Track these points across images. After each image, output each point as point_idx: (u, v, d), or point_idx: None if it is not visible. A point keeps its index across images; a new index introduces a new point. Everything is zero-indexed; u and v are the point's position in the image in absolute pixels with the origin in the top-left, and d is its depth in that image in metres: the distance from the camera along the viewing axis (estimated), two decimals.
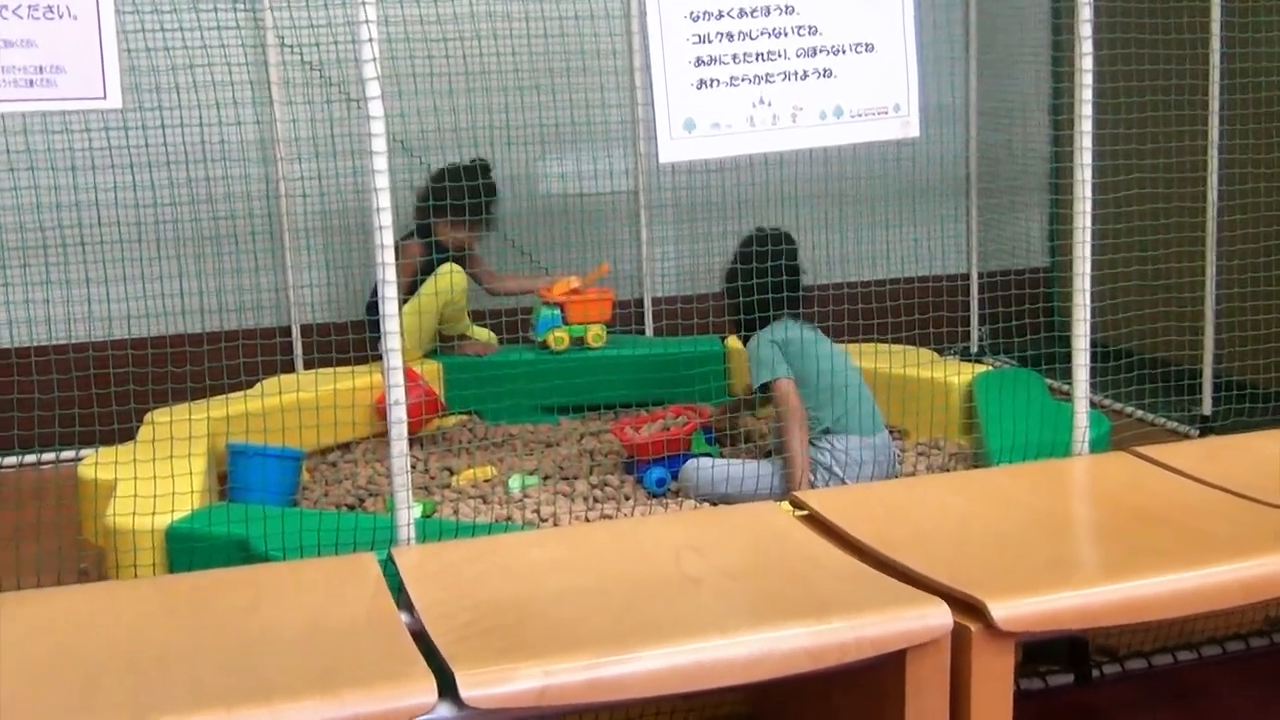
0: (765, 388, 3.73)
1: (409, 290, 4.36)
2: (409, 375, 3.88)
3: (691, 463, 3.76)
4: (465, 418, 4.51)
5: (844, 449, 3.67)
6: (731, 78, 2.83)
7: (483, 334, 4.71)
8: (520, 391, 4.48)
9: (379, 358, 2.80)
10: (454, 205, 4.14)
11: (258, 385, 4.00)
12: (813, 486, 3.62)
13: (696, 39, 2.79)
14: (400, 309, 4.29)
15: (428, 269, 4.32)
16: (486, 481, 4.02)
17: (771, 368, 3.69)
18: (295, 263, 4.75)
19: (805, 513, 2.71)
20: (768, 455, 3.94)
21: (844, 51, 2.87)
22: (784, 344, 3.71)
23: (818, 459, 3.67)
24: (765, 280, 3.68)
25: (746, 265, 3.71)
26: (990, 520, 2.64)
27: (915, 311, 3.76)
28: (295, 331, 4.74)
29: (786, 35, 2.83)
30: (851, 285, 4.51)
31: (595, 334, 4.66)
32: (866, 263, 5.02)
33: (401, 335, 2.86)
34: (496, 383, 4.42)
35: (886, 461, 3.74)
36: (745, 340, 3.86)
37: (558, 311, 4.56)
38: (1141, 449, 2.98)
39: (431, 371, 4.44)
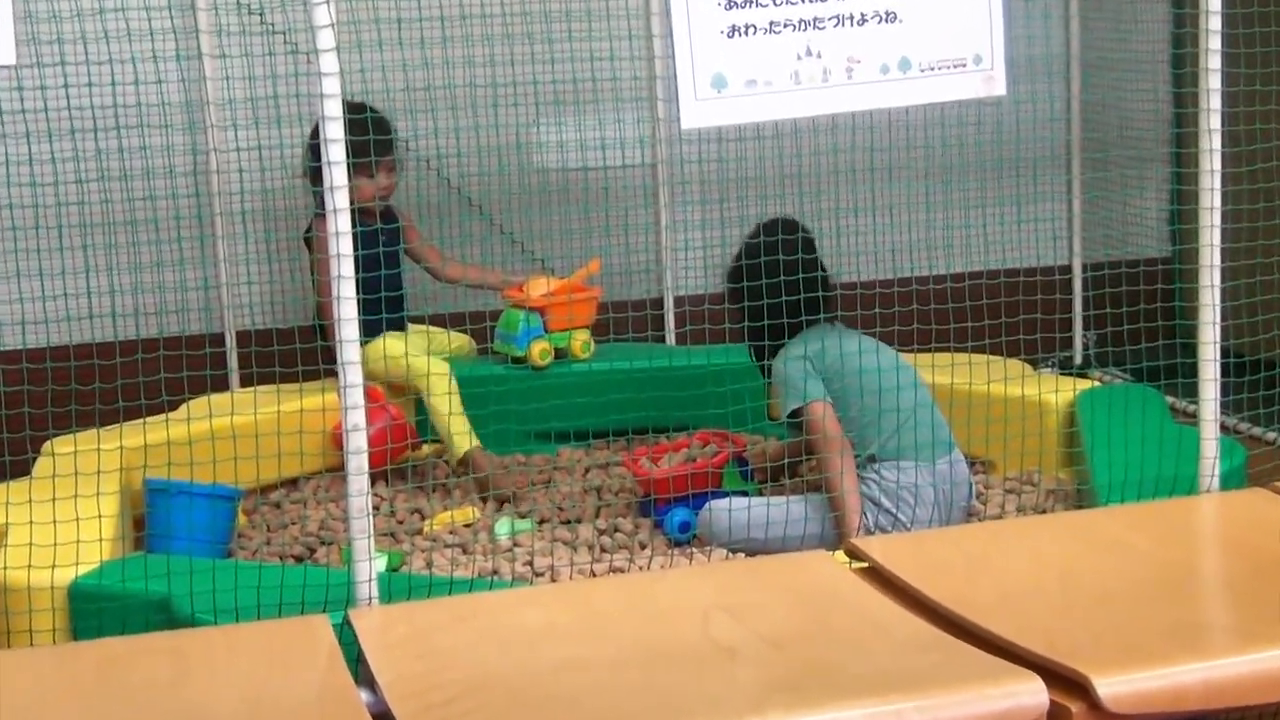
0: (795, 414, 3.72)
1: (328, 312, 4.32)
2: (371, 395, 3.89)
3: (707, 509, 3.75)
4: (441, 447, 4.52)
5: (894, 479, 3.66)
6: (771, 23, 2.84)
7: (460, 340, 4.72)
8: (510, 414, 4.49)
9: (334, 373, 2.81)
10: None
11: (183, 407, 4.01)
12: (866, 532, 3.61)
13: None
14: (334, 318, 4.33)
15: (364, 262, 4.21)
16: (467, 526, 4.02)
17: (801, 389, 3.69)
18: (230, 254, 4.75)
19: (864, 565, 2.71)
20: (816, 490, 3.94)
21: None
22: (815, 358, 3.71)
23: (864, 492, 3.67)
24: (784, 282, 3.63)
25: (757, 267, 3.68)
26: (1096, 574, 2.64)
27: (1002, 314, 3.74)
28: (230, 339, 4.74)
29: None
30: (921, 281, 4.50)
31: (582, 342, 4.66)
32: (940, 253, 5.00)
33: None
34: (480, 404, 4.42)
35: (955, 496, 3.73)
36: (762, 366, 3.90)
37: (538, 318, 4.57)
38: None
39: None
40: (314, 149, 4.23)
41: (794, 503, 3.70)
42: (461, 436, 4.29)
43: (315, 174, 4.29)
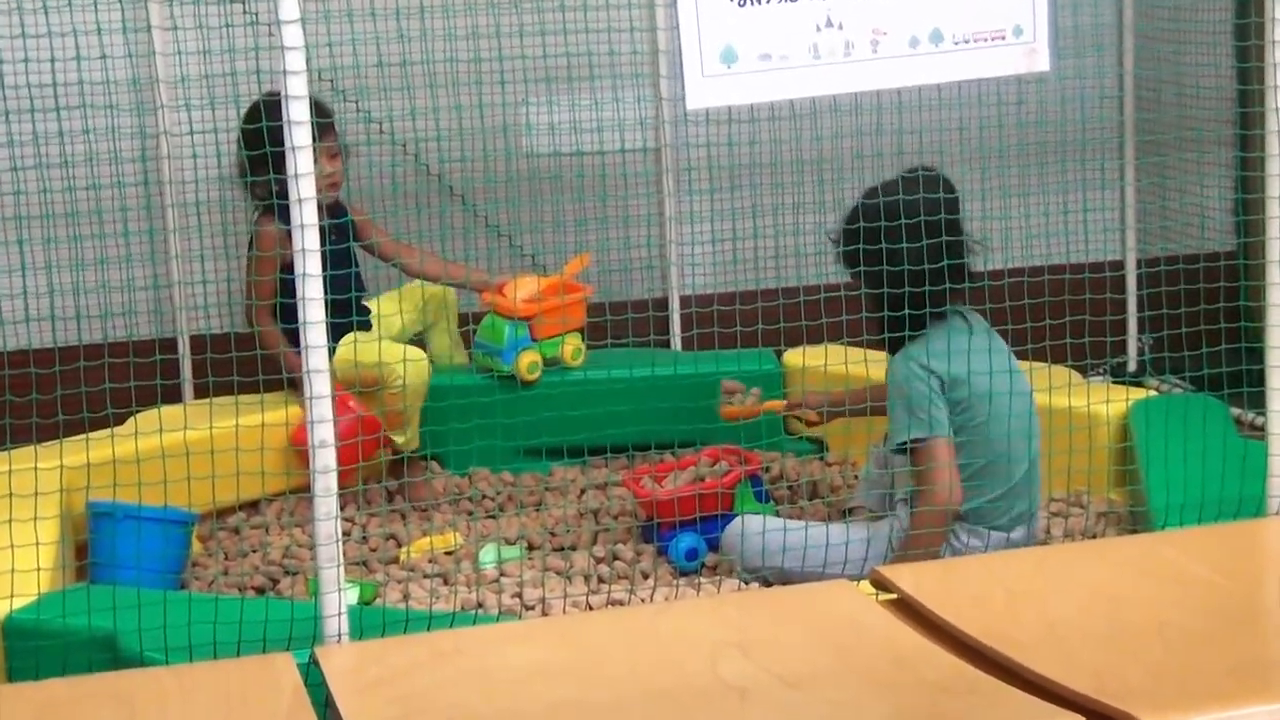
0: (909, 448, 3.60)
1: (286, 314, 4.33)
2: (340, 404, 3.90)
3: (738, 523, 3.77)
4: (420, 465, 4.53)
5: (972, 547, 3.61)
6: None
7: (441, 345, 4.72)
8: (496, 428, 4.49)
9: (275, 385, 2.82)
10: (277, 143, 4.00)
11: (130, 421, 4.01)
12: None
13: None
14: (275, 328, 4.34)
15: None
16: (449, 554, 4.02)
17: (926, 419, 3.56)
18: (183, 250, 4.75)
19: (892, 596, 2.72)
20: (845, 515, 3.94)
21: None
22: (945, 375, 3.60)
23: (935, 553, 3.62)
24: (928, 253, 3.46)
25: (891, 232, 3.49)
26: (1151, 607, 2.64)
27: (1046, 315, 3.75)
28: (182, 345, 4.75)
29: None
30: None
31: (574, 349, 4.66)
32: (977, 248, 5.00)
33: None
34: (463, 416, 4.43)
35: None
36: (891, 349, 3.69)
37: (525, 326, 4.57)
38: None
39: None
40: (248, 137, 4.24)
41: (850, 529, 3.68)
42: (416, 436, 4.39)
43: (250, 165, 4.30)
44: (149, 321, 4.74)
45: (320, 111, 4.34)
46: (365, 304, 4.59)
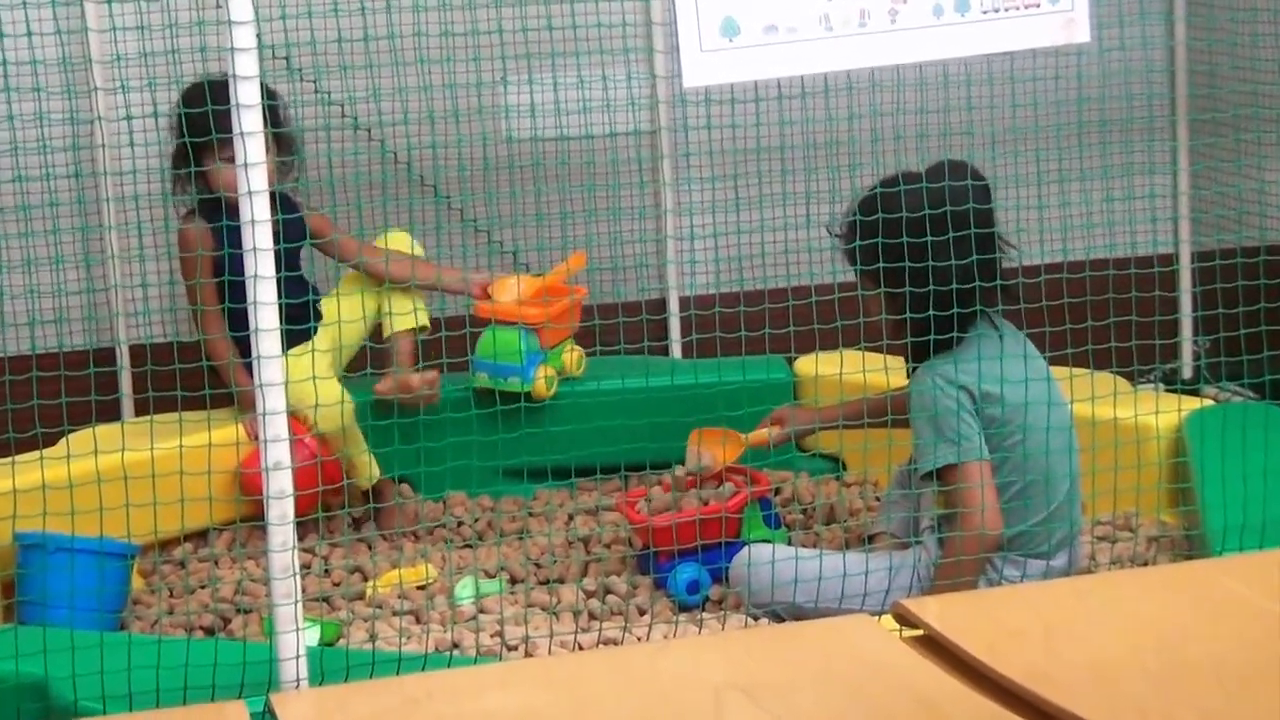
0: (939, 472, 3.61)
1: (235, 322, 4.32)
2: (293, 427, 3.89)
3: (745, 552, 3.77)
4: (388, 488, 4.53)
5: (1011, 577, 3.61)
6: None
7: (405, 323, 4.63)
8: (473, 447, 4.48)
9: (223, 400, 2.82)
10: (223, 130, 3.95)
11: (62, 442, 4.01)
12: None
13: None
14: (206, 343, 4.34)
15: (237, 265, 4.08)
16: (420, 588, 4.03)
17: (956, 440, 3.56)
18: (121, 249, 4.76)
19: (918, 632, 2.72)
20: (866, 542, 3.94)
21: None
22: (976, 389, 3.60)
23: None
24: (956, 254, 3.51)
25: (914, 226, 3.49)
26: (1210, 642, 2.64)
27: (1088, 315, 3.75)
28: (120, 356, 4.76)
29: None
30: None
31: (578, 357, 4.66)
32: (1010, 240, 5.00)
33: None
34: (436, 434, 4.43)
35: None
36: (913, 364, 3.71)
37: (535, 336, 4.54)
38: None
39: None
40: (181, 123, 4.24)
41: (851, 555, 3.66)
42: (366, 466, 4.39)
43: (179, 156, 4.30)
44: (83, 330, 4.74)
45: (271, 95, 4.36)
46: (320, 308, 4.58)
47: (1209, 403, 4.43)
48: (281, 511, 2.79)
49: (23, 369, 3.76)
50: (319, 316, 4.53)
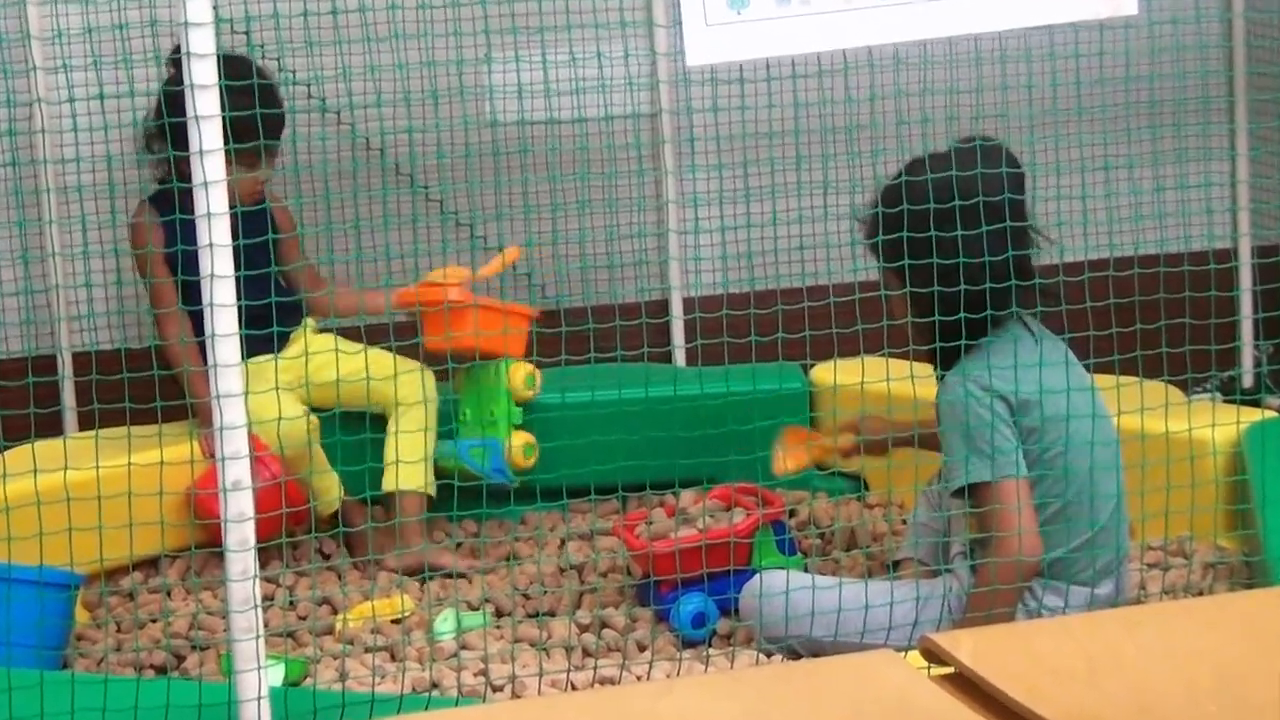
0: (972, 490, 3.60)
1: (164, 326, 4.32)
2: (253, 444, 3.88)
3: (756, 581, 3.76)
4: (359, 511, 4.52)
5: (1053, 607, 3.60)
6: None
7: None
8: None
9: (180, 412, 2.81)
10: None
11: None
12: None
13: None
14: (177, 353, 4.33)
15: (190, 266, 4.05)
16: (396, 622, 4.01)
17: (990, 453, 3.53)
18: (63, 246, 4.75)
19: (949, 669, 2.71)
20: (890, 569, 3.93)
21: None
22: (1013, 396, 3.59)
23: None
24: (989, 246, 3.51)
25: (942, 217, 3.49)
26: (1272, 680, 2.64)
27: (1137, 317, 3.75)
28: (63, 364, 4.76)
29: None
30: None
31: (523, 376, 4.58)
32: (1051, 234, 4.99)
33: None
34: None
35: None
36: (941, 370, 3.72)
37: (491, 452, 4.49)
38: None
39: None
40: (169, 100, 4.23)
41: (895, 588, 3.67)
42: (329, 489, 4.39)
43: (158, 135, 4.29)
44: (20, 335, 4.73)
45: (277, 100, 4.34)
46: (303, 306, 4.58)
47: (1271, 414, 4.42)
48: (241, 537, 2.78)
49: None
50: (298, 318, 4.54)
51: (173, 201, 4.18)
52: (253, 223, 4.35)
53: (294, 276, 4.61)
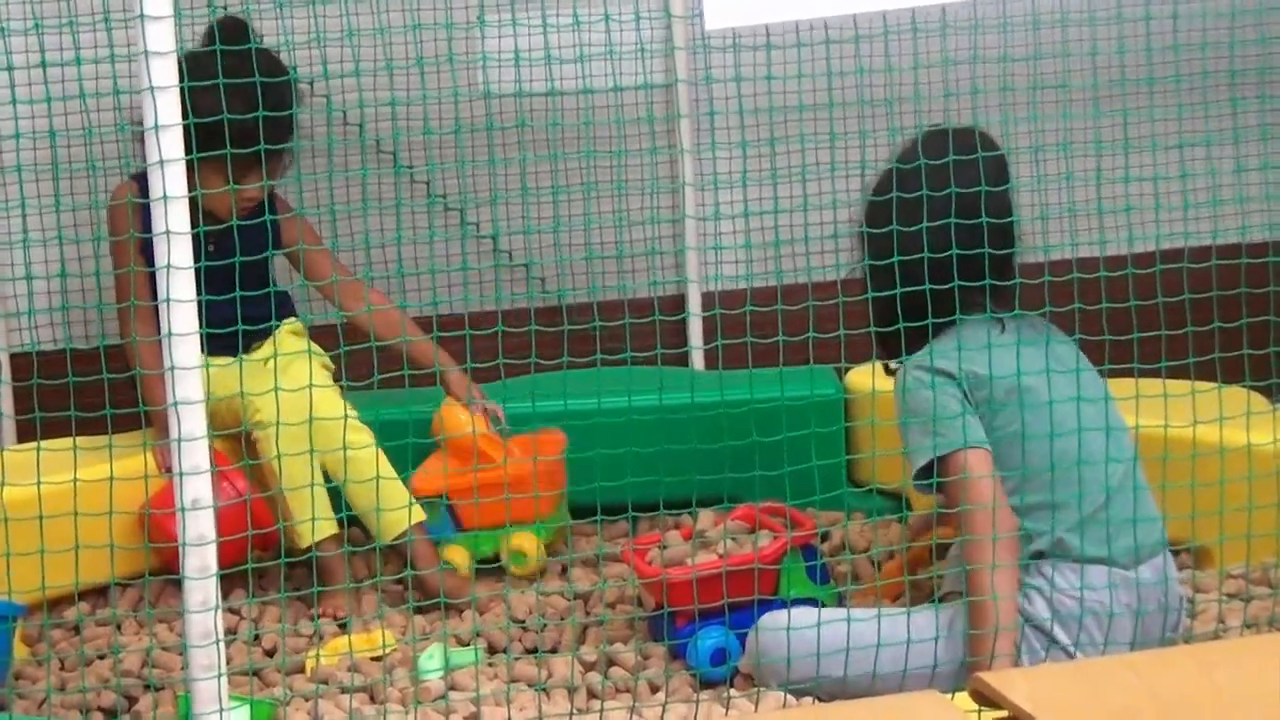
0: (928, 471, 3.73)
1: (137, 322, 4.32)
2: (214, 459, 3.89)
3: (769, 619, 3.78)
4: (334, 533, 4.51)
5: (1073, 592, 3.67)
6: None
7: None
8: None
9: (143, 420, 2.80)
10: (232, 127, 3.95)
11: None
12: (1017, 663, 3.62)
13: None
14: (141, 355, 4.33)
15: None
16: (376, 659, 4.02)
17: (945, 429, 3.67)
18: (4, 234, 4.78)
19: (1002, 714, 2.70)
20: (935, 602, 3.93)
21: None
22: (958, 371, 3.71)
23: (1024, 610, 3.68)
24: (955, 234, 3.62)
25: (901, 206, 3.65)
26: None
27: (1214, 313, 3.74)
28: (2, 368, 4.77)
29: None
30: (1084, 264, 4.46)
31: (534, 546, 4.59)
32: (1111, 220, 4.97)
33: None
34: (401, 464, 4.43)
35: (1162, 615, 3.75)
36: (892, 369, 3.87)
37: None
38: None
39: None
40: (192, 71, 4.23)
41: (891, 617, 3.69)
42: (306, 523, 4.32)
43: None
44: None
45: (280, 96, 4.32)
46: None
47: None
48: (201, 562, 2.77)
49: None
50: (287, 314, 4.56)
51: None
52: (249, 238, 4.33)
53: (328, 291, 4.60)
